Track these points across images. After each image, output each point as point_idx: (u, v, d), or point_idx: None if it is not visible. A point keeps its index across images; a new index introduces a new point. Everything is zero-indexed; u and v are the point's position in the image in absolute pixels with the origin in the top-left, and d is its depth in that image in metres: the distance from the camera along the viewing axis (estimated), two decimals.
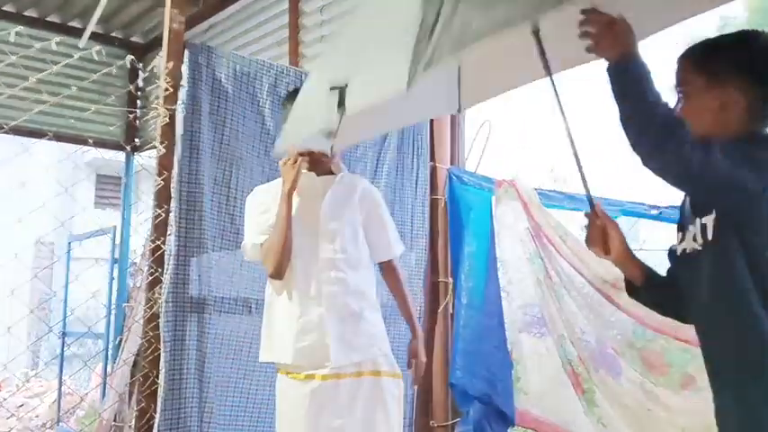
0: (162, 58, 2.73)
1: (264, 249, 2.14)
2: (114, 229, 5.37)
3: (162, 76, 2.71)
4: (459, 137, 3.62)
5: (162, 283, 2.61)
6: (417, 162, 3.41)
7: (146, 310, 2.65)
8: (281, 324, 2.16)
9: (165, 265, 2.61)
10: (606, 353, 2.87)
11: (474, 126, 3.54)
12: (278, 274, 2.13)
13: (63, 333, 5.94)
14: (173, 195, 2.63)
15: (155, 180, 2.68)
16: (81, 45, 4.76)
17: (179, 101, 2.68)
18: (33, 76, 3.43)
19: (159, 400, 2.54)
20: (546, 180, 8.59)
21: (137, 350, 4.34)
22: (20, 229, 3.10)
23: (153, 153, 2.83)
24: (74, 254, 5.92)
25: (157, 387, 2.56)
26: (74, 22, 5.49)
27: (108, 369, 5.17)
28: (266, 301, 2.24)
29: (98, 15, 4.44)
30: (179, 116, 2.67)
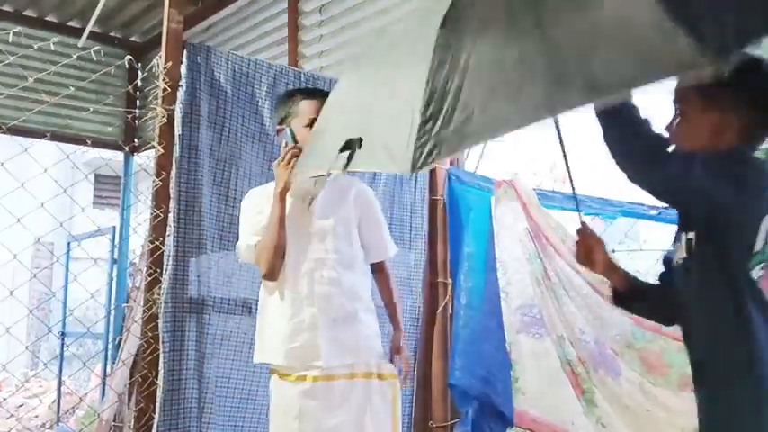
0: (160, 58, 2.73)
1: (258, 250, 2.13)
2: (113, 229, 5.36)
3: (160, 76, 2.70)
4: None
5: (161, 283, 2.60)
6: None
7: (145, 311, 2.65)
8: (273, 325, 2.15)
9: (164, 266, 2.60)
10: (605, 353, 2.87)
11: None
12: (271, 274, 2.12)
13: (62, 333, 5.94)
14: (171, 196, 2.62)
15: (153, 180, 2.68)
16: (80, 45, 4.76)
17: (177, 101, 2.67)
18: (32, 76, 3.43)
19: (158, 400, 2.53)
20: (546, 180, 8.58)
21: (136, 350, 4.34)
22: (19, 229, 3.08)
23: (152, 153, 2.83)
24: (73, 254, 5.91)
25: (156, 387, 2.55)
26: (72, 22, 5.49)
27: (107, 369, 5.17)
28: (260, 302, 2.23)
29: (97, 15, 4.44)
30: (178, 116, 2.66)
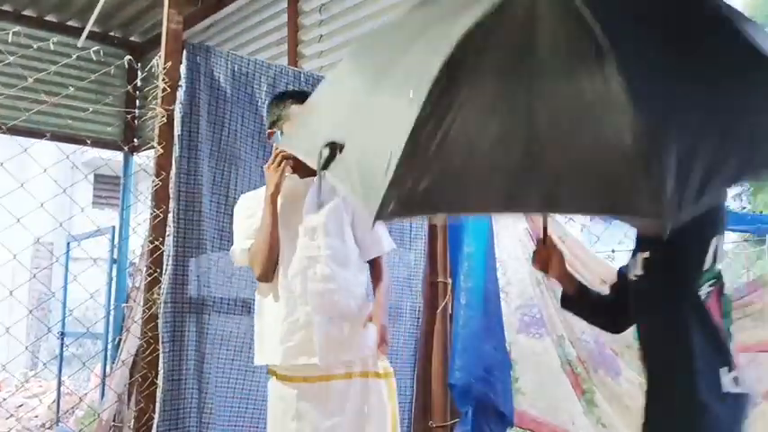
0: (160, 57, 2.73)
1: (251, 253, 2.14)
2: (113, 229, 5.36)
3: (160, 76, 2.70)
4: None
5: (161, 283, 2.60)
6: None
7: (144, 311, 2.64)
8: (269, 326, 2.15)
9: (164, 266, 2.60)
10: (605, 353, 2.87)
11: None
12: (265, 276, 2.12)
13: (62, 333, 5.94)
14: (171, 195, 2.62)
15: (153, 180, 2.67)
16: (79, 45, 4.76)
17: (177, 101, 2.67)
18: (31, 76, 3.43)
19: (158, 400, 2.53)
20: None
21: (136, 350, 4.33)
22: (18, 229, 3.08)
23: (151, 153, 2.83)
24: (72, 254, 5.91)
25: (156, 387, 2.55)
26: (72, 22, 5.48)
27: (107, 369, 5.17)
28: (256, 305, 2.23)
29: (96, 15, 4.44)
30: (177, 116, 2.66)
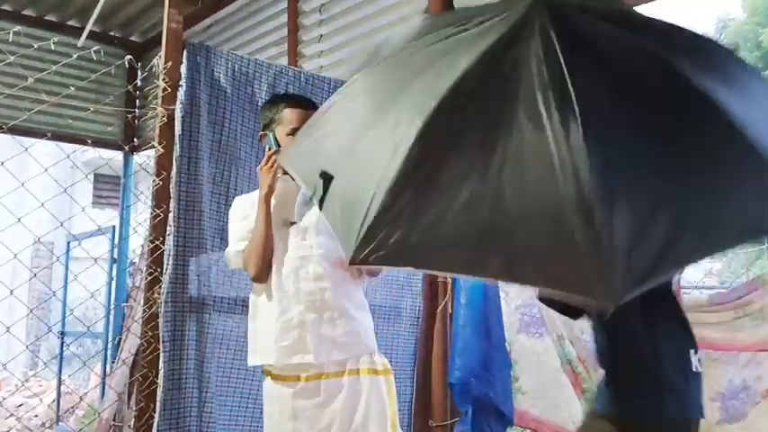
0: (160, 57, 2.73)
1: (245, 254, 2.14)
2: (113, 228, 5.36)
3: (160, 76, 2.70)
4: None
5: (161, 282, 2.60)
6: None
7: (145, 310, 2.65)
8: (263, 326, 2.15)
9: (164, 265, 2.60)
10: None
11: None
12: (260, 276, 2.13)
13: (62, 333, 5.94)
14: (171, 195, 2.63)
15: (153, 180, 2.68)
16: (79, 44, 4.76)
17: (177, 100, 2.67)
18: (31, 76, 3.43)
19: (158, 399, 2.54)
20: None
21: (136, 350, 4.34)
22: (18, 229, 3.09)
23: (151, 153, 2.83)
24: (72, 253, 5.91)
25: (156, 387, 2.55)
26: (72, 21, 5.49)
27: (107, 369, 5.17)
28: (250, 306, 2.23)
29: (96, 14, 4.44)
30: (177, 116, 2.66)
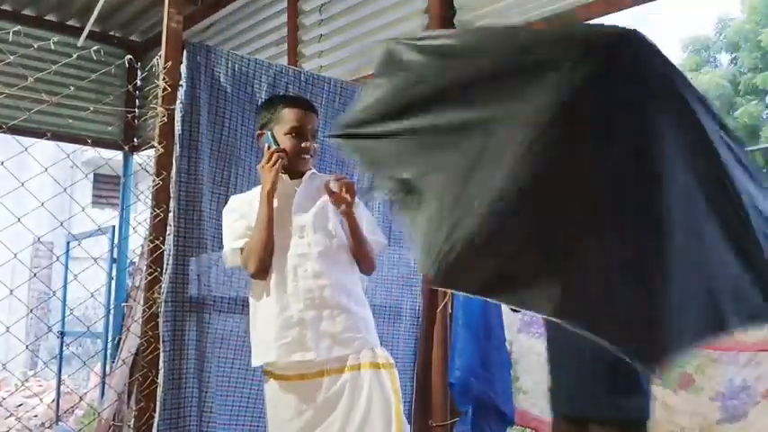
0: (160, 57, 2.73)
1: (246, 250, 2.13)
2: (113, 228, 5.36)
3: (160, 76, 2.70)
4: None
5: (161, 282, 2.60)
6: None
7: (145, 310, 2.64)
8: (263, 325, 2.15)
9: (164, 265, 2.60)
10: None
11: None
12: (260, 273, 2.12)
13: (62, 333, 5.94)
14: (171, 195, 2.62)
15: (153, 180, 2.67)
16: (79, 44, 4.76)
17: (177, 100, 2.67)
18: (31, 76, 3.43)
19: (158, 399, 2.53)
20: None
21: (136, 349, 4.34)
22: (18, 228, 3.08)
23: (151, 152, 2.82)
24: (72, 253, 5.91)
25: (156, 386, 2.55)
26: (71, 21, 5.49)
27: (107, 368, 5.17)
28: (251, 308, 2.22)
29: (96, 14, 4.44)
30: (177, 116, 2.66)
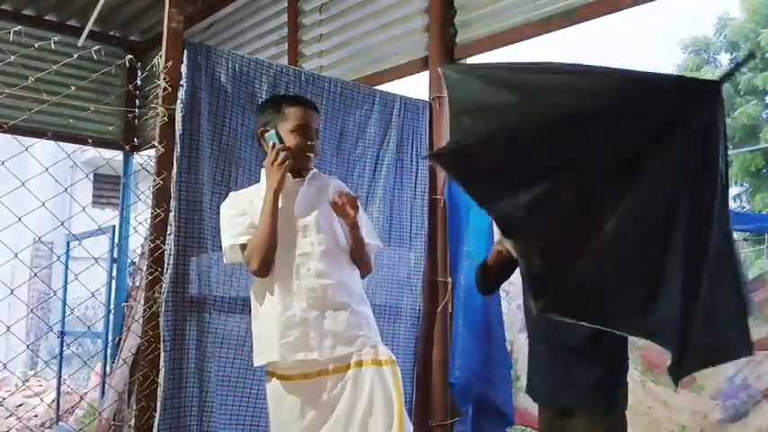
0: (161, 57, 2.72)
1: (250, 248, 2.13)
2: (113, 228, 5.36)
3: (161, 76, 2.70)
4: None
5: (162, 282, 2.60)
6: (417, 162, 3.41)
7: (145, 310, 2.64)
8: (265, 324, 2.15)
9: (165, 265, 2.60)
10: None
11: None
12: (263, 270, 2.12)
13: (62, 332, 5.94)
14: (172, 195, 2.63)
15: (154, 179, 2.67)
16: (79, 44, 4.75)
17: (178, 100, 2.67)
18: (32, 76, 3.43)
19: (159, 399, 2.53)
20: None
21: (136, 349, 4.34)
22: (17, 228, 3.09)
23: (151, 152, 2.82)
24: (72, 253, 5.91)
25: (157, 386, 2.55)
26: (72, 21, 5.49)
27: (107, 368, 5.17)
28: (252, 307, 2.22)
29: (96, 14, 4.44)
30: (178, 115, 2.66)
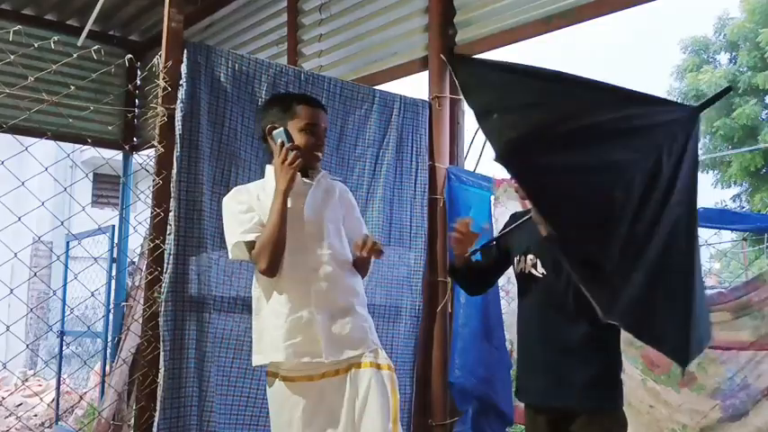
0: (161, 57, 2.73)
1: (259, 247, 2.10)
2: (113, 228, 5.36)
3: (161, 75, 2.70)
4: (459, 136, 3.63)
5: (161, 282, 2.60)
6: (416, 161, 3.41)
7: (145, 309, 2.64)
8: (270, 324, 2.14)
9: (165, 264, 2.60)
10: None
11: (473, 125, 3.55)
12: (272, 270, 2.11)
13: (61, 332, 5.95)
14: (172, 194, 2.63)
15: (154, 179, 2.67)
16: (79, 44, 4.75)
17: (178, 100, 2.67)
18: (31, 75, 3.42)
19: (159, 398, 2.53)
20: None
21: (136, 349, 4.34)
22: (17, 228, 3.08)
23: (151, 152, 2.83)
24: (72, 253, 5.91)
25: (157, 386, 2.55)
26: (71, 21, 5.49)
27: (107, 368, 5.17)
28: (254, 305, 2.21)
29: (96, 14, 4.44)
30: (178, 115, 2.66)
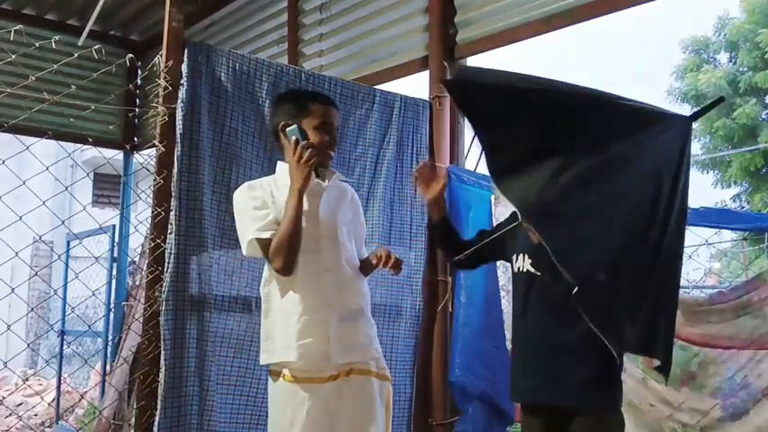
0: (161, 56, 2.73)
1: (276, 245, 2.09)
2: (113, 227, 5.36)
3: (161, 75, 2.70)
4: (459, 135, 3.62)
5: (162, 281, 2.61)
6: (417, 161, 3.41)
7: (146, 309, 2.65)
8: (281, 324, 2.14)
9: (166, 264, 2.60)
10: None
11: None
12: (287, 269, 2.09)
13: (62, 331, 5.95)
14: (173, 194, 2.63)
15: (154, 178, 2.68)
16: (80, 43, 4.75)
17: (178, 99, 2.67)
18: (32, 75, 3.42)
19: (159, 398, 2.54)
20: None
21: (136, 348, 4.34)
22: (17, 227, 3.09)
23: (151, 152, 2.83)
24: (73, 252, 5.92)
25: (158, 385, 2.56)
26: (72, 20, 5.49)
27: (107, 367, 5.18)
28: (264, 304, 2.21)
29: (97, 13, 4.44)
30: (179, 115, 2.66)
